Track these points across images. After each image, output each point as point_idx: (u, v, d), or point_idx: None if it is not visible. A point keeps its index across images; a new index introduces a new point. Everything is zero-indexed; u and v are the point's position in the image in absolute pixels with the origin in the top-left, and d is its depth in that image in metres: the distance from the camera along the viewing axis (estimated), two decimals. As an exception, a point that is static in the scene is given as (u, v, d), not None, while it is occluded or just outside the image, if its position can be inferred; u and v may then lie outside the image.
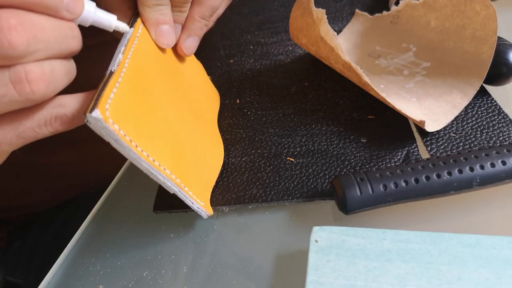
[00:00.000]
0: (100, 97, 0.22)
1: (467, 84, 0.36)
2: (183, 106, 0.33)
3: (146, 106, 0.26)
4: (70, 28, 0.23)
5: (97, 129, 0.22)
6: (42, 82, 0.21)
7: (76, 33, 0.23)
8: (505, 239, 0.25)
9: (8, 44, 0.19)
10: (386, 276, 0.24)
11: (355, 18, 0.49)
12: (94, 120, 0.21)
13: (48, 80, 0.21)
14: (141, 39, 0.28)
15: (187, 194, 0.28)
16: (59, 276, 0.31)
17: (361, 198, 0.28)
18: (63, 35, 0.22)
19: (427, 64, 0.40)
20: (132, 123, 0.24)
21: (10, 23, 0.19)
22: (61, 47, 0.22)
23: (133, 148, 0.23)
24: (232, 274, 0.29)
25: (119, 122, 0.22)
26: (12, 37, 0.19)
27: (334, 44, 0.36)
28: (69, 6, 0.22)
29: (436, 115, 0.35)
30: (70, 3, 0.22)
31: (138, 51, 0.27)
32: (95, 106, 0.21)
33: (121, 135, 0.22)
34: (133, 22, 0.29)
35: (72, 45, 0.23)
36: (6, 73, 0.20)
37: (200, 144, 0.33)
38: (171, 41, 0.31)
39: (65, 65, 0.23)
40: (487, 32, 0.35)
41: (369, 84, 0.35)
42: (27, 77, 0.20)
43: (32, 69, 0.20)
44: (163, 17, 0.30)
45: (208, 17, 0.34)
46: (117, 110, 0.22)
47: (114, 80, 0.23)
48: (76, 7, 0.22)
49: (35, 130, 0.23)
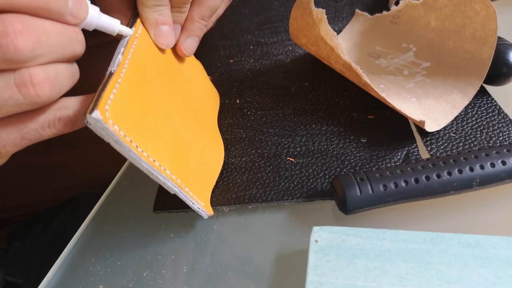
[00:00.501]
0: (100, 98, 0.22)
1: (467, 84, 0.36)
2: (183, 106, 0.33)
3: (146, 107, 0.26)
4: (74, 32, 0.23)
5: (97, 130, 0.22)
6: (47, 85, 0.21)
7: (80, 37, 0.24)
8: (505, 239, 0.25)
9: (14, 48, 0.19)
10: (386, 276, 0.24)
11: (355, 18, 0.48)
12: (94, 121, 0.21)
13: (53, 83, 0.22)
14: (141, 40, 0.28)
15: (188, 195, 0.28)
16: (59, 276, 0.31)
17: (361, 198, 0.28)
18: (68, 39, 0.22)
19: (427, 64, 0.40)
20: (132, 124, 0.24)
21: (15, 28, 0.19)
22: (65, 51, 0.22)
23: (133, 148, 0.23)
24: (232, 274, 0.29)
25: (119, 123, 0.22)
26: (18, 41, 0.19)
27: (334, 44, 0.36)
28: (74, 11, 0.22)
29: (436, 115, 0.35)
30: (75, 8, 0.22)
31: (138, 51, 0.27)
32: (95, 107, 0.21)
33: (121, 135, 0.22)
34: (132, 23, 0.29)
35: (76, 49, 0.23)
36: (11, 76, 0.20)
37: (200, 144, 0.33)
38: (171, 41, 0.31)
39: (68, 68, 0.23)
40: (487, 32, 0.35)
41: (369, 84, 0.35)
42: (32, 80, 0.21)
43: (37, 73, 0.21)
44: (162, 18, 0.30)
45: (208, 17, 0.34)
46: (117, 110, 0.22)
47: (114, 81, 0.23)
48: (80, 12, 0.23)
49: (39, 131, 0.23)
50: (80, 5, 0.23)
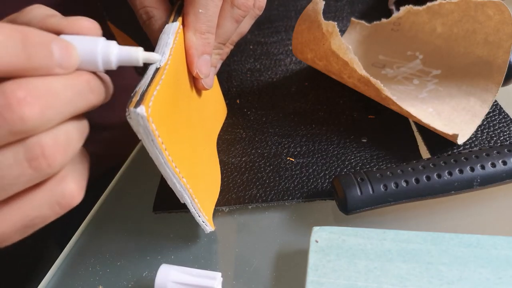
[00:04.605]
0: (146, 93, 0.21)
1: (484, 90, 0.35)
2: (201, 117, 0.32)
3: (176, 110, 0.25)
4: (85, 81, 0.20)
5: (135, 126, 0.21)
6: (59, 153, 0.19)
7: (94, 85, 0.21)
8: (506, 239, 0.25)
9: (20, 120, 0.17)
10: (387, 276, 0.24)
11: (352, 27, 0.47)
12: (136, 116, 0.20)
13: (64, 149, 0.19)
14: (178, 45, 0.27)
15: (197, 206, 0.28)
16: (59, 276, 0.31)
17: (361, 198, 0.28)
18: (78, 92, 0.20)
19: (437, 71, 0.39)
20: (164, 125, 0.23)
21: (18, 97, 0.17)
22: (77, 105, 0.20)
23: (163, 151, 0.22)
24: (232, 274, 0.29)
25: (156, 122, 0.21)
26: (24, 111, 0.17)
27: (349, 58, 0.34)
28: (63, 61, 0.19)
29: (458, 125, 0.34)
30: (63, 57, 0.19)
31: (175, 53, 0.26)
32: (140, 102, 0.20)
33: (156, 135, 0.21)
34: (175, 19, 0.28)
35: (91, 100, 0.21)
36: (19, 149, 0.18)
37: (207, 159, 0.33)
38: (209, 72, 0.30)
39: (78, 126, 0.21)
40: (501, 36, 0.34)
41: (391, 98, 0.33)
42: (44, 152, 0.18)
43: (48, 142, 0.18)
44: (209, 47, 0.29)
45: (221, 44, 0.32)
46: (156, 109, 0.21)
47: (158, 77, 0.22)
48: (70, 60, 0.19)
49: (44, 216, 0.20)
50: (67, 52, 0.19)
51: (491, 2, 0.34)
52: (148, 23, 0.29)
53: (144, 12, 0.29)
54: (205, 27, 0.28)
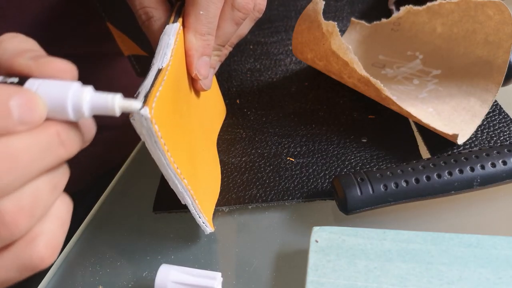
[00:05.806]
0: (149, 94, 0.20)
1: (484, 90, 0.35)
2: (199, 119, 0.32)
3: (176, 111, 0.25)
4: (54, 134, 0.18)
5: (138, 127, 0.21)
6: (22, 218, 0.17)
7: (66, 137, 0.18)
8: (506, 239, 0.25)
9: None
10: (387, 276, 0.24)
11: (352, 27, 0.47)
12: (140, 117, 0.20)
13: (30, 212, 0.17)
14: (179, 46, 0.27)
15: (197, 207, 0.28)
16: (59, 276, 0.31)
17: (361, 198, 0.28)
18: (46, 148, 0.18)
19: (437, 71, 0.39)
20: (166, 126, 0.23)
21: None
22: (45, 163, 0.18)
23: (165, 152, 0.22)
24: (232, 274, 0.29)
25: (159, 123, 0.21)
26: None
27: (349, 58, 0.34)
28: (24, 118, 0.17)
29: (458, 125, 0.34)
30: (24, 114, 0.17)
31: (176, 54, 0.26)
32: (144, 103, 0.20)
33: (158, 136, 0.21)
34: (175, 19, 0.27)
35: (61, 154, 0.18)
36: None
37: (207, 160, 0.33)
38: (208, 73, 0.30)
39: (51, 179, 0.18)
40: (501, 36, 0.34)
41: (391, 98, 0.33)
42: (4, 219, 0.16)
43: (8, 208, 0.17)
44: (208, 49, 0.29)
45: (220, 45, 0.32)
46: (159, 110, 0.21)
47: (161, 78, 0.22)
48: (33, 116, 0.17)
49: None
50: (30, 106, 0.17)
51: (491, 2, 0.34)
52: (147, 24, 0.29)
53: (144, 12, 0.29)
54: (206, 29, 0.28)
